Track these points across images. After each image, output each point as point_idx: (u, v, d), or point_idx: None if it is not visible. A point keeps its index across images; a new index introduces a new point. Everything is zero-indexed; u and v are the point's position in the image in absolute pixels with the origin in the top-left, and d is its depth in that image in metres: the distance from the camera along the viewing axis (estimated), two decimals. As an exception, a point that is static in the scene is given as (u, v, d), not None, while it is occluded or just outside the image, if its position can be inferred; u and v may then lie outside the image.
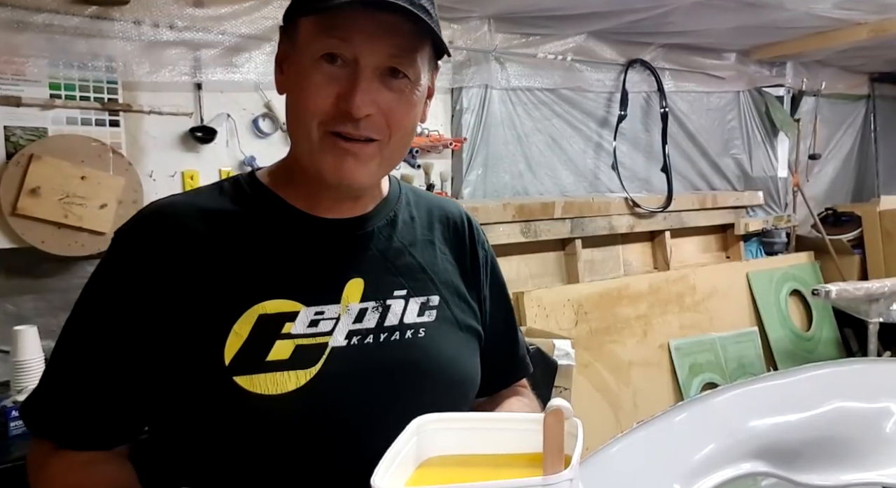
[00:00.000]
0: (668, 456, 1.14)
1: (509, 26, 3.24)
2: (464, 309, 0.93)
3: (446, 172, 3.20)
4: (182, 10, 2.40)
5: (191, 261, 0.79)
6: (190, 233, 0.80)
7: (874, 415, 1.24)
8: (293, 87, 0.81)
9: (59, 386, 0.80)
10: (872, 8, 3.30)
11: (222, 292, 0.78)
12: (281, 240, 0.83)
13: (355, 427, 0.78)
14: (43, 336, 2.04)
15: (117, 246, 0.82)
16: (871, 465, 1.20)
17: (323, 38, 0.76)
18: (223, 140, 2.57)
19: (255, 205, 0.85)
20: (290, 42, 0.82)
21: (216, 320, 0.76)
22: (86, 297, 0.82)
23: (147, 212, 0.83)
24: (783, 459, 1.18)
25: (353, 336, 0.81)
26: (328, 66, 0.76)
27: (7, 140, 2.14)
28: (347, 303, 0.82)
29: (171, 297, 0.77)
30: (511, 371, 1.05)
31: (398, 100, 0.79)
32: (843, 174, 5.11)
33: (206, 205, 0.84)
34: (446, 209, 1.00)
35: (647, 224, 3.85)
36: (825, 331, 4.31)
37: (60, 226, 2.19)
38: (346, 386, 0.78)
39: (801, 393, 1.26)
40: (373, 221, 0.89)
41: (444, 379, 0.86)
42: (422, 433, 0.73)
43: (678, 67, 3.98)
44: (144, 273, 0.78)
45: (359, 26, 0.74)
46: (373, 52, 0.76)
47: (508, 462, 0.71)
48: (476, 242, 1.00)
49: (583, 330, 3.27)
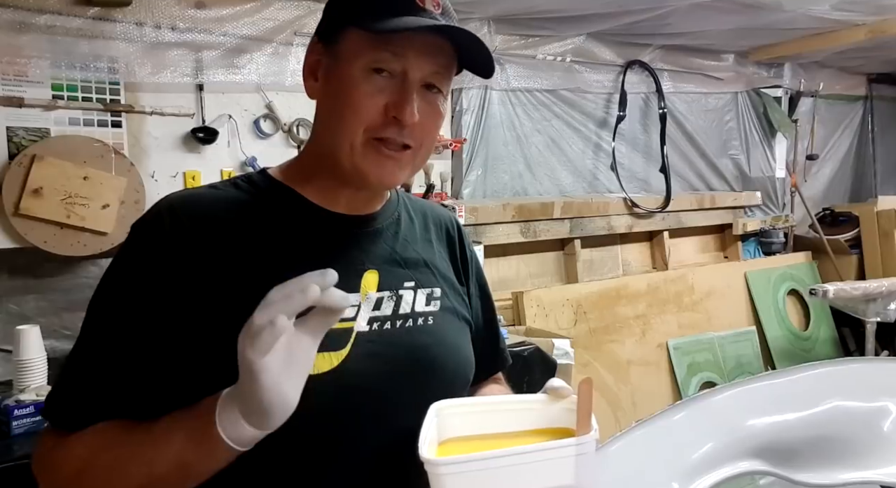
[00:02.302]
0: (667, 454, 1.15)
1: (509, 28, 3.25)
2: (459, 301, 1.00)
3: (446, 173, 3.21)
4: (184, 12, 2.41)
5: (214, 249, 0.81)
6: (213, 221, 0.83)
7: (872, 414, 1.25)
8: (337, 95, 0.84)
9: (84, 377, 0.80)
10: (870, 9, 3.31)
11: (252, 280, 0.79)
12: (300, 231, 0.87)
13: (381, 405, 0.83)
14: (45, 335, 2.05)
15: (138, 236, 0.83)
16: (869, 464, 1.21)
17: (375, 52, 0.81)
18: (224, 141, 2.57)
19: (272, 199, 0.88)
20: (328, 51, 0.86)
21: (246, 307, 0.77)
22: (107, 287, 0.82)
23: (168, 202, 0.85)
24: (781, 458, 1.19)
25: (374, 322, 0.86)
26: (377, 77, 0.82)
27: (10, 141, 2.15)
28: (367, 292, 0.87)
29: (196, 285, 0.79)
30: (493, 362, 1.12)
31: (432, 111, 0.86)
32: (841, 174, 5.12)
33: (224, 197, 0.87)
34: (437, 212, 1.07)
35: (645, 224, 3.86)
36: (823, 330, 4.33)
37: (63, 226, 2.20)
38: (372, 367, 0.84)
39: (799, 393, 1.27)
40: (381, 219, 0.94)
41: (450, 364, 0.92)
42: (441, 416, 0.80)
43: (677, 68, 3.99)
44: (167, 260, 0.79)
45: (412, 44, 0.81)
46: (420, 68, 0.82)
47: (522, 436, 0.79)
48: (464, 244, 1.08)
49: (582, 329, 3.28)
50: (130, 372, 0.79)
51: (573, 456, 0.69)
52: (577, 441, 0.69)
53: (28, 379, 1.97)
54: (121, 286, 0.81)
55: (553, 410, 0.81)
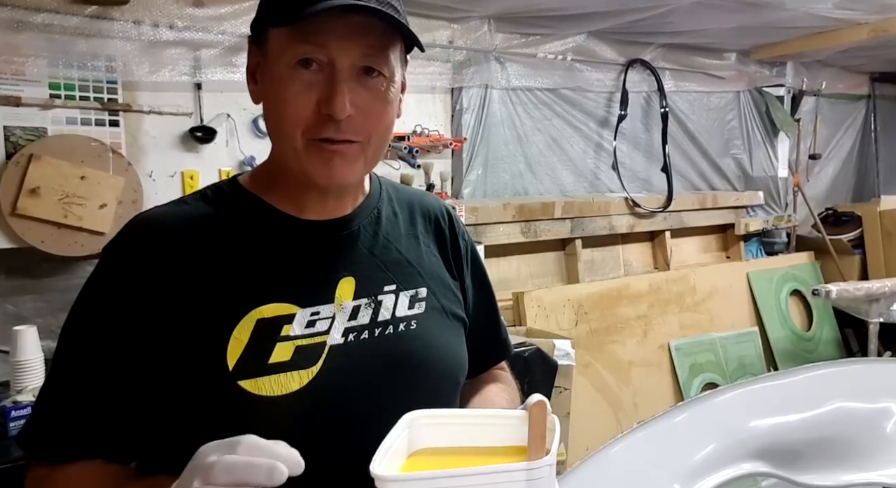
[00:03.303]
0: (669, 456, 1.14)
1: (509, 26, 3.24)
2: (450, 298, 0.96)
3: (446, 172, 3.20)
4: (182, 10, 2.40)
5: (183, 270, 0.79)
6: (179, 241, 0.81)
7: (874, 415, 1.24)
8: (270, 97, 0.81)
9: (58, 408, 0.79)
10: (873, 8, 3.30)
11: (218, 299, 0.78)
12: (270, 244, 0.84)
13: (356, 419, 0.80)
14: (42, 336, 2.04)
15: (107, 260, 0.82)
16: (872, 465, 1.20)
17: (296, 45, 0.77)
18: (223, 140, 2.57)
19: (240, 211, 0.86)
20: (260, 52, 0.83)
21: (215, 327, 0.77)
22: (78, 313, 0.81)
23: (133, 225, 0.83)
24: (783, 459, 1.18)
25: (350, 333, 0.83)
26: (304, 72, 0.77)
27: (7, 140, 2.14)
28: (341, 302, 0.84)
29: (166, 307, 0.78)
30: (493, 353, 1.09)
31: (375, 98, 0.80)
32: (844, 174, 5.11)
33: (191, 214, 0.84)
34: (427, 203, 1.02)
35: (647, 224, 3.85)
36: (825, 331, 4.31)
37: (60, 226, 2.19)
38: (347, 382, 0.81)
39: (802, 394, 1.26)
40: (357, 220, 0.90)
41: (437, 368, 0.89)
42: (413, 427, 0.77)
43: (678, 67, 3.98)
44: (137, 285, 0.78)
45: (331, 30, 0.76)
46: (347, 54, 0.77)
47: (493, 453, 0.76)
48: (457, 233, 1.03)
49: (583, 330, 3.27)
50: (103, 405, 0.78)
51: (523, 481, 0.65)
52: (528, 465, 0.66)
53: (25, 379, 1.96)
54: (90, 314, 0.80)
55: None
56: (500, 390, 1.05)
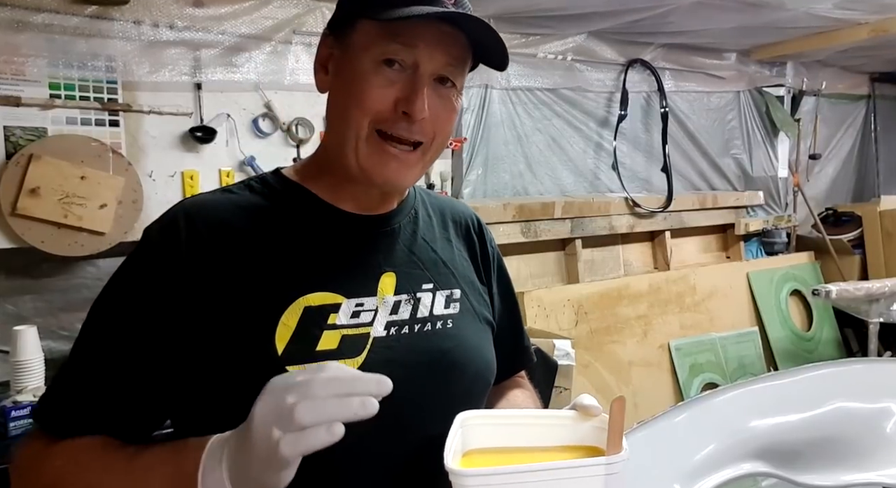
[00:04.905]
0: (669, 456, 1.14)
1: (509, 26, 3.24)
2: (480, 302, 0.97)
3: (446, 172, 3.20)
4: (182, 10, 2.40)
5: (230, 255, 0.80)
6: (227, 227, 0.82)
7: (874, 415, 1.24)
8: (346, 87, 0.82)
9: (80, 382, 0.78)
10: (873, 8, 3.30)
11: (266, 285, 0.79)
12: (317, 234, 0.85)
13: (401, 411, 0.79)
14: (42, 336, 2.04)
15: (151, 241, 0.81)
16: (872, 465, 1.20)
17: (386, 43, 0.79)
18: (223, 140, 2.56)
19: (287, 201, 0.87)
20: (337, 44, 0.85)
21: (264, 312, 0.78)
22: (115, 290, 0.81)
23: (181, 208, 0.84)
24: (783, 459, 1.18)
25: (391, 326, 0.84)
26: (388, 70, 0.80)
27: (7, 140, 2.14)
28: (383, 296, 0.85)
29: (212, 290, 0.78)
30: (517, 359, 1.10)
31: (445, 106, 0.83)
32: (844, 174, 5.11)
33: (238, 201, 0.86)
34: (457, 209, 1.05)
35: (647, 224, 3.84)
36: (825, 331, 4.31)
37: (60, 226, 2.19)
38: (390, 374, 0.80)
39: (802, 394, 1.26)
40: (398, 218, 0.92)
41: (471, 368, 0.90)
42: (465, 426, 0.78)
43: (678, 67, 3.98)
44: (183, 267, 0.78)
45: (422, 34, 0.78)
46: (432, 60, 0.80)
47: (547, 451, 0.77)
48: (485, 240, 1.05)
49: (583, 330, 3.27)
50: (127, 387, 0.77)
51: (602, 475, 0.67)
52: (607, 460, 0.68)
53: (25, 380, 1.96)
54: (128, 293, 0.80)
55: (581, 427, 0.79)
56: (525, 396, 1.07)
